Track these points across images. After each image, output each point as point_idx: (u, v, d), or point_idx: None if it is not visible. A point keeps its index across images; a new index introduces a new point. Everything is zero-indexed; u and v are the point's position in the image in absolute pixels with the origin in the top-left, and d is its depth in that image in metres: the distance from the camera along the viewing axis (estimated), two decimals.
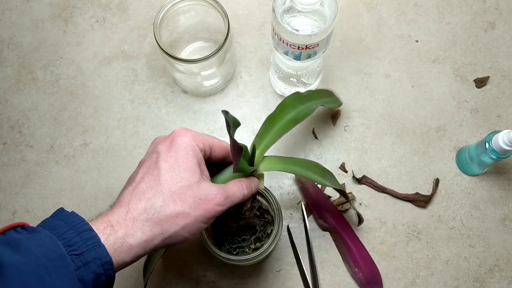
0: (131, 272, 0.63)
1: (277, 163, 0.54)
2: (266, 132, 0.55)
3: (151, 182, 0.44)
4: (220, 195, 0.45)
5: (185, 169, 0.45)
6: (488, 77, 0.71)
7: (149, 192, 0.44)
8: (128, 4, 0.75)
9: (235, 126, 0.45)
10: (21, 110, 0.71)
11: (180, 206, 0.43)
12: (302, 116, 0.58)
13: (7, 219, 0.66)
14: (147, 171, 0.45)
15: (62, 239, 0.39)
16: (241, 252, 0.58)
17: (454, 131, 0.69)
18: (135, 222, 0.42)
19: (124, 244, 0.41)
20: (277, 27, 0.55)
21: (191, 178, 0.44)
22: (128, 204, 0.43)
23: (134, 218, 0.42)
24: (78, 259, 0.39)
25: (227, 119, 0.42)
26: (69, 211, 0.42)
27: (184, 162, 0.45)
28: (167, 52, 0.60)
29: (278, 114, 0.56)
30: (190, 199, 0.44)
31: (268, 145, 0.54)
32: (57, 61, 0.73)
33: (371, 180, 0.67)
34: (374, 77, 0.71)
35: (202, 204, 0.44)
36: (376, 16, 0.74)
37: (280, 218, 0.55)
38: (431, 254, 0.64)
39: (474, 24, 0.74)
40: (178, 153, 0.45)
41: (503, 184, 0.67)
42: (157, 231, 0.43)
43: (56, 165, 0.68)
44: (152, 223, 0.43)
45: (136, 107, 0.71)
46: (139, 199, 0.43)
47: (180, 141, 0.46)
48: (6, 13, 0.75)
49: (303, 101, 0.59)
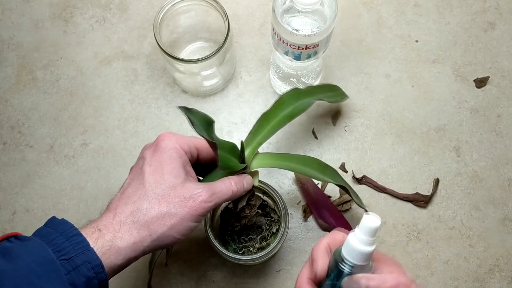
0: (131, 273, 0.63)
1: (269, 159, 0.54)
2: (259, 129, 0.54)
3: (137, 186, 0.45)
4: (205, 192, 0.45)
5: (168, 171, 0.45)
6: (488, 77, 0.71)
7: (135, 196, 0.45)
8: (128, 4, 0.75)
9: (207, 123, 0.45)
10: (21, 110, 0.71)
11: (165, 206, 0.44)
12: (298, 111, 0.57)
13: (7, 219, 0.66)
14: (133, 177, 0.47)
15: (52, 245, 0.40)
16: (246, 252, 0.58)
17: (454, 131, 0.69)
18: (122, 225, 0.43)
19: (112, 247, 0.42)
20: (277, 27, 0.55)
21: (175, 180, 0.45)
22: (115, 209, 0.44)
23: (121, 222, 0.43)
24: (68, 263, 0.40)
25: (188, 116, 0.42)
26: (59, 219, 0.43)
27: (167, 164, 0.46)
28: (167, 52, 0.60)
29: (273, 111, 0.56)
30: (175, 199, 0.44)
31: (260, 142, 0.54)
32: (57, 61, 0.73)
33: (371, 180, 0.67)
34: (374, 77, 0.71)
35: (187, 202, 0.45)
36: (376, 16, 0.74)
37: (287, 217, 0.56)
38: (431, 254, 0.64)
39: (474, 24, 0.74)
40: (162, 156, 0.46)
41: (503, 184, 0.67)
42: (144, 233, 0.43)
43: (56, 165, 0.68)
44: (139, 225, 0.43)
45: (136, 107, 0.71)
46: (125, 203, 0.44)
47: (164, 145, 0.47)
48: (6, 13, 0.75)
49: (301, 97, 0.58)
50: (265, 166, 0.54)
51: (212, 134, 0.45)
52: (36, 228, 0.43)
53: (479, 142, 0.68)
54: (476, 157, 0.68)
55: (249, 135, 0.54)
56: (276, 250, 0.56)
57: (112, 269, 0.43)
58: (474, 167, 0.67)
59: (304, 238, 0.65)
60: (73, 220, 0.44)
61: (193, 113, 0.44)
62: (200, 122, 0.44)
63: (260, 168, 0.54)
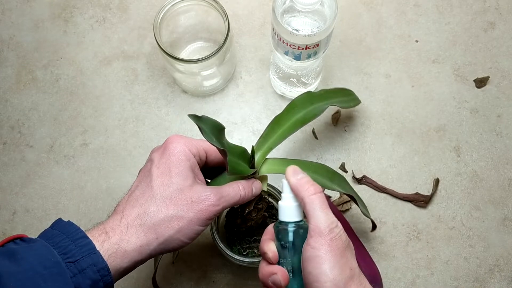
0: (131, 273, 0.63)
1: (279, 165, 0.53)
2: (270, 133, 0.54)
3: (144, 189, 0.45)
4: (213, 195, 0.45)
5: (176, 173, 0.45)
6: (488, 77, 0.71)
7: (142, 198, 0.44)
8: (128, 4, 0.75)
9: (218, 129, 0.45)
10: (21, 110, 0.71)
11: (173, 209, 0.44)
12: (311, 116, 0.56)
13: (7, 219, 0.66)
14: (141, 179, 0.46)
15: (58, 247, 0.40)
16: (251, 253, 0.58)
17: (454, 131, 0.69)
18: (129, 228, 0.43)
19: (118, 249, 0.42)
20: (277, 27, 0.55)
21: (183, 182, 0.45)
22: (122, 212, 0.44)
23: (128, 224, 0.43)
24: (74, 266, 0.40)
25: (198, 125, 0.42)
26: (66, 221, 0.43)
27: (176, 167, 0.45)
28: (167, 52, 0.60)
29: (285, 115, 0.55)
30: (183, 202, 0.44)
31: (271, 147, 0.53)
32: (57, 61, 0.73)
33: (371, 180, 0.67)
34: (374, 77, 0.71)
35: (195, 206, 0.44)
36: (376, 16, 0.74)
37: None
38: (431, 254, 0.64)
39: (474, 24, 0.74)
40: (170, 158, 0.46)
41: (503, 184, 0.67)
42: (151, 236, 0.43)
43: (56, 165, 0.68)
44: (145, 228, 0.43)
45: (136, 107, 0.71)
46: (133, 205, 0.44)
47: (172, 147, 0.46)
48: (6, 13, 0.75)
49: (314, 101, 0.57)
50: (274, 172, 0.53)
51: (223, 140, 0.45)
52: (36, 228, 0.43)
53: (479, 142, 0.68)
54: (476, 157, 0.68)
55: (260, 139, 0.54)
56: None
57: (118, 272, 0.42)
58: (474, 167, 0.67)
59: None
60: (73, 220, 0.44)
61: (203, 121, 0.43)
62: (211, 129, 0.44)
63: (269, 174, 0.53)
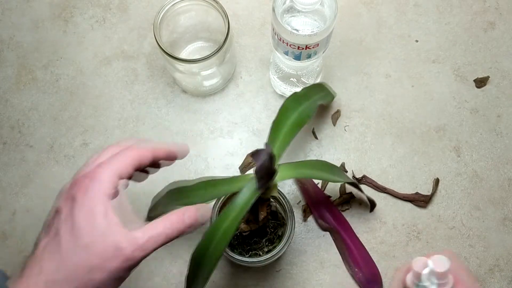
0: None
1: (290, 170, 0.53)
2: (274, 140, 0.54)
3: (53, 254, 0.40)
4: (136, 240, 0.40)
5: (87, 232, 0.40)
6: (488, 77, 0.71)
7: (50, 264, 0.40)
8: (128, 4, 0.75)
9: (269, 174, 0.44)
10: (21, 110, 0.71)
11: (93, 260, 0.40)
12: (305, 117, 0.56)
13: (7, 219, 0.66)
14: (48, 240, 0.41)
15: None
16: (253, 255, 0.58)
17: (454, 131, 0.69)
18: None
19: None
20: (277, 27, 0.55)
21: (102, 229, 0.40)
22: (29, 276, 0.40)
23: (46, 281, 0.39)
24: None
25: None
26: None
27: (86, 219, 0.40)
28: (167, 52, 0.60)
29: (281, 119, 0.55)
30: (103, 250, 0.40)
31: (279, 154, 0.53)
32: (57, 61, 0.73)
33: (371, 180, 0.67)
34: (374, 77, 0.71)
35: (117, 253, 0.40)
36: (376, 16, 0.74)
37: (293, 220, 0.56)
38: None
39: (474, 24, 0.74)
40: (81, 210, 0.41)
41: (503, 184, 0.67)
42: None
43: (56, 165, 0.68)
44: (64, 282, 0.39)
45: (136, 107, 0.71)
46: (39, 271, 0.40)
47: (85, 197, 0.41)
48: (6, 13, 0.75)
49: (301, 101, 0.58)
50: (288, 178, 0.52)
51: None
52: (36, 228, 0.43)
53: (479, 142, 0.68)
54: (476, 157, 0.68)
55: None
56: (282, 252, 0.56)
57: None
58: (474, 167, 0.67)
59: (304, 238, 0.65)
60: None
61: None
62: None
63: (282, 181, 0.52)
